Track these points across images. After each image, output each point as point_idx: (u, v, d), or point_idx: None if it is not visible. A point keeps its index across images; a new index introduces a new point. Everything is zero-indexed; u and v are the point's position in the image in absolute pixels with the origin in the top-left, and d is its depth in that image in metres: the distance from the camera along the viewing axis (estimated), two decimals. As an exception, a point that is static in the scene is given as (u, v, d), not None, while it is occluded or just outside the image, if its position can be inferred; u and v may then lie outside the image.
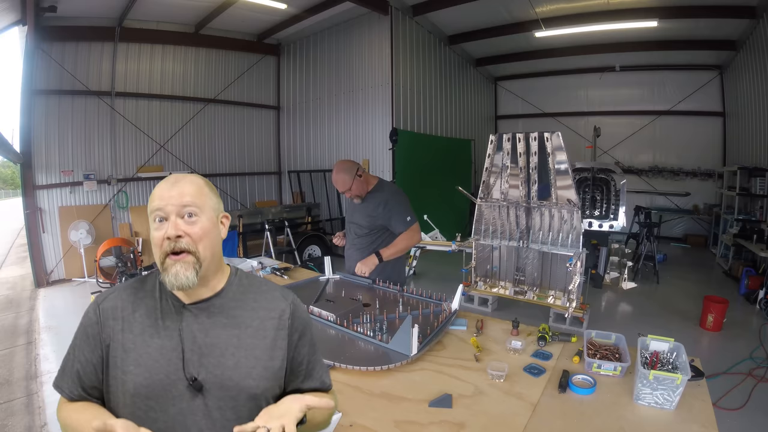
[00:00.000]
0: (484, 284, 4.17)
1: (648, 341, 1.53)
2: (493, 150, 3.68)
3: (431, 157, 7.87)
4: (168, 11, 6.52)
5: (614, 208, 5.25)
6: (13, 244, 10.95)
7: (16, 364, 3.62)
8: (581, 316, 3.70)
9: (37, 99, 5.85)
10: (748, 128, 6.99)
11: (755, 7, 5.84)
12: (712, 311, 4.04)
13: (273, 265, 3.22)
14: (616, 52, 8.16)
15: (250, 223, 6.50)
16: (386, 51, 6.98)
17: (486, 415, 1.33)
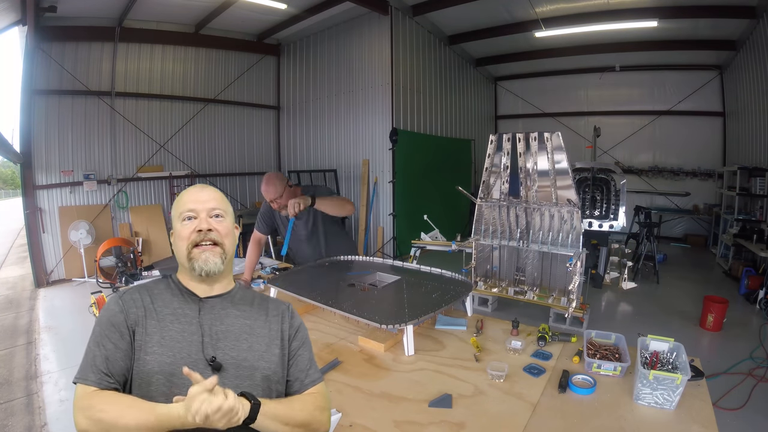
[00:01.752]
0: (484, 284, 4.17)
1: (648, 341, 1.53)
2: (493, 150, 3.68)
3: (431, 157, 7.87)
4: (168, 11, 6.51)
5: (614, 208, 5.25)
6: (13, 244, 10.94)
7: (16, 364, 3.62)
8: (581, 316, 3.70)
9: (37, 99, 5.85)
10: (748, 128, 6.99)
11: (755, 7, 5.83)
12: (712, 311, 4.04)
13: (273, 265, 3.22)
14: (616, 52, 8.15)
15: (250, 223, 6.49)
16: (386, 51, 6.98)
17: (486, 415, 1.33)
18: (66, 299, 5.42)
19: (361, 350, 1.80)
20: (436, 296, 2.02)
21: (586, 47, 8.05)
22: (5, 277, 7.00)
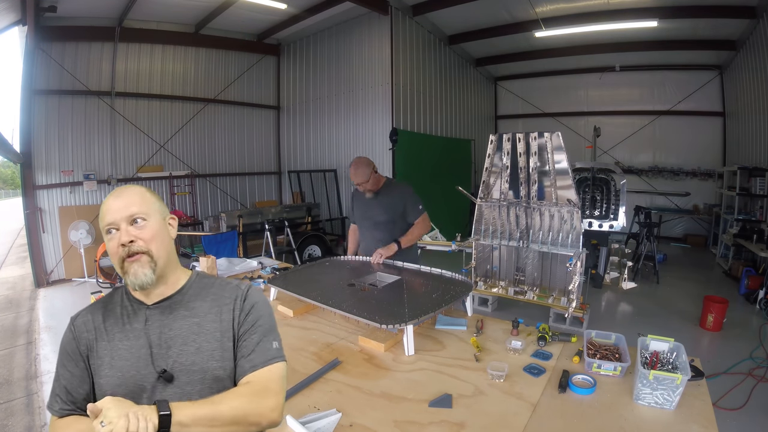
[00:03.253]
0: (484, 284, 4.17)
1: (648, 341, 1.53)
2: (493, 150, 3.68)
3: (431, 157, 7.87)
4: (168, 11, 6.51)
5: (614, 208, 5.25)
6: (13, 244, 10.95)
7: (16, 364, 3.62)
8: (581, 316, 3.70)
9: (37, 99, 5.85)
10: (748, 128, 6.99)
11: (755, 7, 5.83)
12: (712, 311, 4.04)
13: (273, 265, 3.22)
14: (616, 52, 8.15)
15: (250, 223, 6.51)
16: (386, 51, 6.97)
17: (486, 415, 1.33)
18: (66, 299, 5.42)
19: (361, 350, 1.80)
20: (436, 296, 2.02)
21: (586, 47, 8.05)
22: (5, 277, 7.00)
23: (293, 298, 2.20)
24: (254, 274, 2.96)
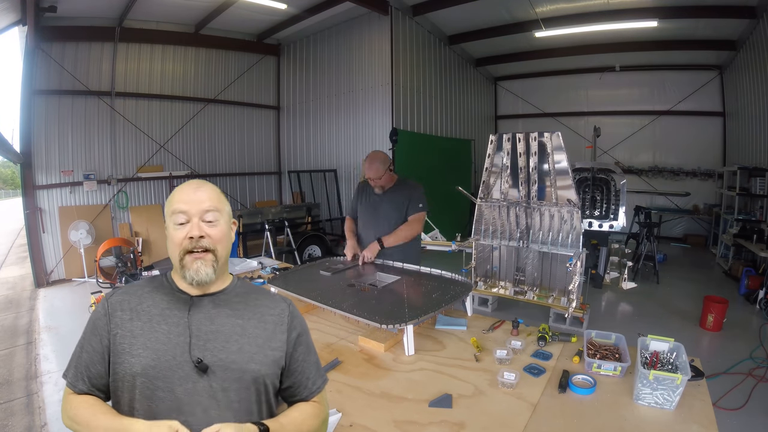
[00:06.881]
0: (484, 284, 4.17)
1: (648, 341, 1.53)
2: (493, 150, 3.68)
3: (431, 157, 7.86)
4: (168, 11, 6.51)
5: (614, 208, 5.24)
6: (13, 244, 10.94)
7: (16, 364, 3.62)
8: (581, 316, 3.69)
9: (37, 99, 5.85)
10: (748, 128, 6.99)
11: (755, 7, 5.83)
12: (712, 311, 4.04)
13: (273, 265, 3.21)
14: (616, 52, 8.16)
15: (250, 223, 6.50)
16: (386, 51, 6.98)
17: (486, 415, 1.33)
18: (66, 299, 5.42)
19: (361, 350, 1.80)
20: (436, 296, 2.02)
21: (586, 47, 8.05)
22: (5, 277, 7.00)
23: (293, 298, 2.19)
24: (254, 274, 2.96)
